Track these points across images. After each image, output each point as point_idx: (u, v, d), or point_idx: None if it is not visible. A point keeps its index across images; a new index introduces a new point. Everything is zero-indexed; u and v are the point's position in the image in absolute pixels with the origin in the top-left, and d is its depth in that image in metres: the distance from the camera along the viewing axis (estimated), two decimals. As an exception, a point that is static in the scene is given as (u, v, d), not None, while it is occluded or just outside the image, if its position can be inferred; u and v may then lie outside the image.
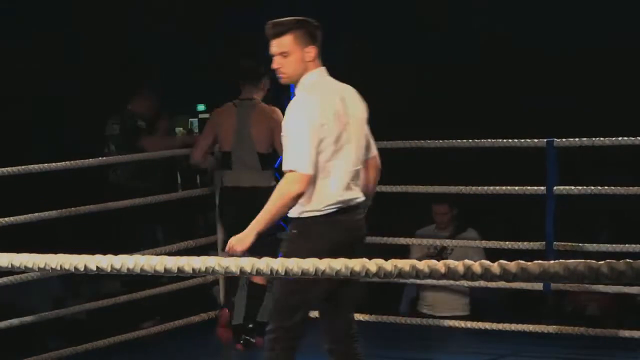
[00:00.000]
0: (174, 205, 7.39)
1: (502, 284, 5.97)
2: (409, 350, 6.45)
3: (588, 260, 2.09)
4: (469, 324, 6.44)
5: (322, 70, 4.45)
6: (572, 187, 6.14)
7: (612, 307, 7.05)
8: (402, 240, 6.90)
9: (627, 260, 2.08)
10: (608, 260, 2.08)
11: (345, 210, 4.40)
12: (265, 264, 2.15)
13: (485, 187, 6.37)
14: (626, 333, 6.06)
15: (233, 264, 2.17)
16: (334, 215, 4.37)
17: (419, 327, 6.57)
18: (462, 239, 7.07)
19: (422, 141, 6.58)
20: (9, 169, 5.78)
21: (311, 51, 4.38)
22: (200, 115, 10.92)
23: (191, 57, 9.18)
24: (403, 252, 7.08)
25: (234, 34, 8.49)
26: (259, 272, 2.16)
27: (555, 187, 6.09)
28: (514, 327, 6.20)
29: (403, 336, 6.62)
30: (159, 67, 9.02)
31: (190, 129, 9.38)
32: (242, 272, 2.16)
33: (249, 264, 2.15)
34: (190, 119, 12.16)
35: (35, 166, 5.88)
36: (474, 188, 6.39)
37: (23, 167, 5.83)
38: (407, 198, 7.06)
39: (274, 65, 4.44)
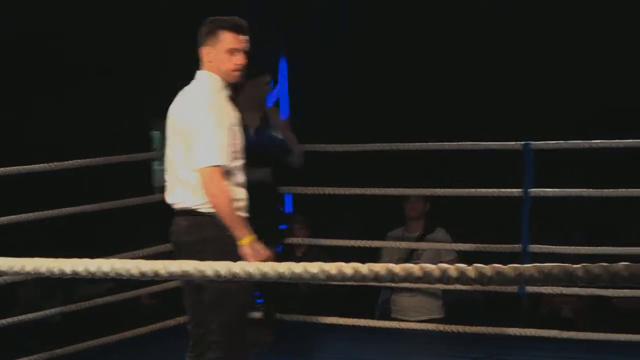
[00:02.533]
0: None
1: (476, 287, 6.02)
2: (382, 355, 6.44)
3: (563, 264, 2.10)
4: (443, 327, 6.44)
5: None
6: (548, 189, 6.16)
7: (586, 310, 7.08)
8: (376, 243, 6.94)
9: (602, 263, 2.09)
10: (583, 264, 2.09)
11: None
12: (241, 267, 2.14)
13: (461, 190, 6.38)
14: (601, 335, 6.08)
15: (209, 268, 2.17)
16: None
17: (394, 330, 6.57)
18: (431, 240, 7.08)
19: (395, 144, 6.60)
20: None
21: None
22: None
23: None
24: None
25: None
26: (235, 276, 2.16)
27: (530, 189, 6.11)
28: (489, 330, 6.22)
29: (376, 340, 6.62)
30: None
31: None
32: (217, 276, 2.16)
33: (223, 267, 2.15)
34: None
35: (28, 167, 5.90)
36: (449, 190, 6.39)
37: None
38: (383, 200, 7.09)
39: (244, 62, 4.46)
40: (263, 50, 8.52)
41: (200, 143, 4.29)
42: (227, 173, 4.32)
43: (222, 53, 4.39)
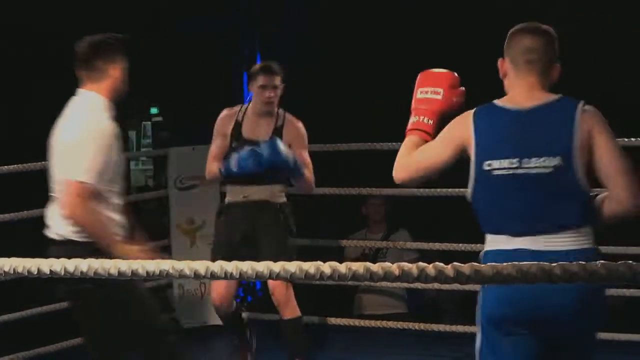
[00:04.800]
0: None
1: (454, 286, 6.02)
2: (347, 352, 6.45)
3: (541, 262, 2.10)
4: (409, 325, 6.46)
5: None
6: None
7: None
8: (343, 242, 6.96)
9: (580, 262, 2.10)
10: (561, 262, 2.10)
11: None
12: (219, 266, 2.14)
13: (422, 190, 6.38)
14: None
15: (187, 267, 2.16)
16: None
17: (359, 329, 6.57)
18: (394, 241, 7.11)
19: (353, 144, 6.62)
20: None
21: None
22: (154, 119, 10.83)
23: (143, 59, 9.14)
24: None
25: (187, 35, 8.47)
26: (213, 275, 2.15)
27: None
28: (454, 328, 6.22)
29: (344, 339, 6.63)
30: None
31: (144, 132, 9.34)
32: (196, 275, 2.15)
33: (202, 266, 2.14)
34: (143, 122, 12.07)
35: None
36: (409, 190, 6.39)
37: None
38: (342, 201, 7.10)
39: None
40: (239, 49, 8.54)
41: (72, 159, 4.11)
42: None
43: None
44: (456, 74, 3.56)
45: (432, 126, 3.47)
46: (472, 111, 3.34)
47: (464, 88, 3.55)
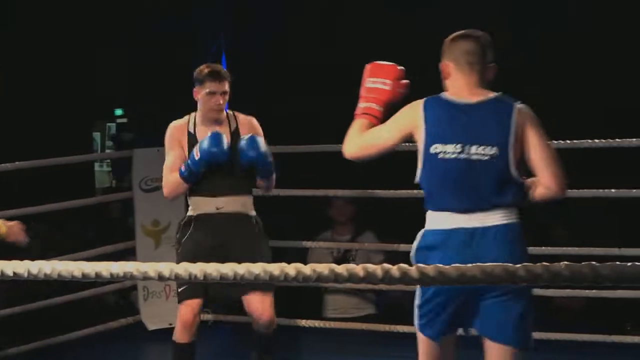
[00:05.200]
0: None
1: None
2: (316, 355, 6.45)
3: (505, 263, 2.12)
4: (380, 327, 6.46)
5: None
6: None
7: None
8: (307, 244, 6.95)
9: (544, 263, 2.12)
10: (524, 263, 2.12)
11: None
12: (184, 268, 2.13)
13: (390, 191, 6.37)
14: (542, 335, 6.14)
15: (151, 269, 2.15)
16: None
17: (331, 330, 6.58)
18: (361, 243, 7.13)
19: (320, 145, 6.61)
20: None
21: None
22: (118, 120, 10.79)
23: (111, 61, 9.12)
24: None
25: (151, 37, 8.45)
26: (177, 277, 2.15)
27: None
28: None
29: (312, 340, 6.63)
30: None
31: (109, 134, 9.32)
32: (160, 277, 2.14)
33: (167, 268, 2.13)
34: (108, 124, 12.01)
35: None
36: (375, 191, 6.40)
37: None
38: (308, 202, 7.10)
39: None
40: (204, 49, 8.52)
41: None
42: None
43: None
44: (401, 67, 3.94)
45: (381, 112, 3.89)
46: (421, 101, 3.76)
47: (407, 80, 3.92)
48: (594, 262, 2.09)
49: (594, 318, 6.80)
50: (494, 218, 3.68)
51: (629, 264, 2.09)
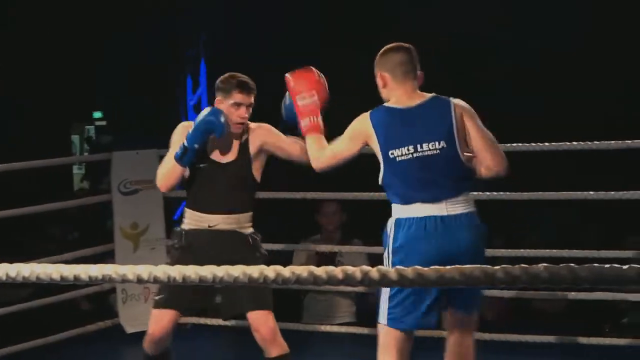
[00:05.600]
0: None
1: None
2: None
3: (483, 265, 2.12)
4: (357, 330, 6.45)
5: None
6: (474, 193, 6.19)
7: (507, 312, 7.16)
8: (293, 246, 6.94)
9: (522, 265, 2.12)
10: (503, 265, 2.12)
11: None
12: (162, 271, 2.13)
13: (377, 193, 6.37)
14: (520, 337, 6.15)
15: (130, 272, 2.15)
16: None
17: (308, 333, 6.56)
18: (348, 250, 7.09)
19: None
20: None
21: None
22: (97, 123, 10.75)
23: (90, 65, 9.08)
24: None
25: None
26: (156, 280, 2.14)
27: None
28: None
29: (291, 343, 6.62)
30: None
31: (88, 136, 9.29)
32: (139, 280, 2.14)
33: (145, 271, 2.12)
34: (86, 126, 11.97)
35: None
36: (365, 194, 6.40)
37: None
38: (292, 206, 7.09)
39: None
40: (183, 52, 8.51)
41: None
42: None
43: None
44: (314, 69, 4.44)
45: (320, 120, 4.40)
46: (367, 114, 4.18)
47: (324, 77, 4.42)
48: (572, 264, 2.09)
49: (572, 320, 6.83)
50: (458, 206, 4.10)
51: (607, 265, 2.09)
